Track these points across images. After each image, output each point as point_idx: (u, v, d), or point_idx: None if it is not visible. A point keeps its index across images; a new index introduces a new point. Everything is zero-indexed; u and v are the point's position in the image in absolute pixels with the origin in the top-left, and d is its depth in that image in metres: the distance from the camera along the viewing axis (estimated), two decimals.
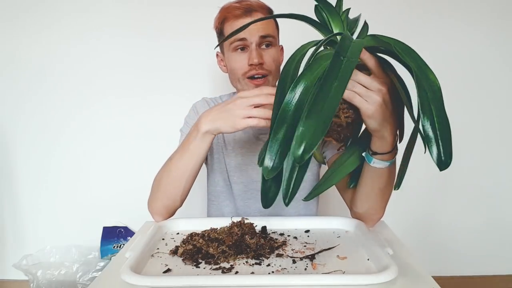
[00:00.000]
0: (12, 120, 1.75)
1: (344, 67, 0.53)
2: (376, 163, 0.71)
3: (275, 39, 0.98)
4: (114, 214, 1.80)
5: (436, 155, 0.51)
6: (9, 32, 1.69)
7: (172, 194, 0.86)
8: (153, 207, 0.88)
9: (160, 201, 0.87)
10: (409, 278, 0.60)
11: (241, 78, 0.97)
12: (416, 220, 1.81)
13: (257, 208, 1.05)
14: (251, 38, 0.93)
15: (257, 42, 0.93)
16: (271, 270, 0.64)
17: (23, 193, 1.81)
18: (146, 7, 1.68)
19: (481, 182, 1.79)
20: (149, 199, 0.90)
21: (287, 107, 0.57)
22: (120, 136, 1.76)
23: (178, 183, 0.85)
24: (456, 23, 1.67)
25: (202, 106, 1.07)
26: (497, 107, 1.73)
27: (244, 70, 0.95)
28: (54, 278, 1.70)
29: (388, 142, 0.68)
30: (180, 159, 0.84)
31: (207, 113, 0.80)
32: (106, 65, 1.72)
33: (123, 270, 0.60)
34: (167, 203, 0.87)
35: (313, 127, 0.51)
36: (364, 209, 0.83)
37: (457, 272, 1.83)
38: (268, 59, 0.95)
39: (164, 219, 0.89)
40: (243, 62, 0.95)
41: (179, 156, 0.85)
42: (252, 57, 0.93)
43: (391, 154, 0.71)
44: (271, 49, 0.96)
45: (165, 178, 0.86)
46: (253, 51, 0.93)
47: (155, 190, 0.88)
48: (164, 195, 0.86)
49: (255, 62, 0.92)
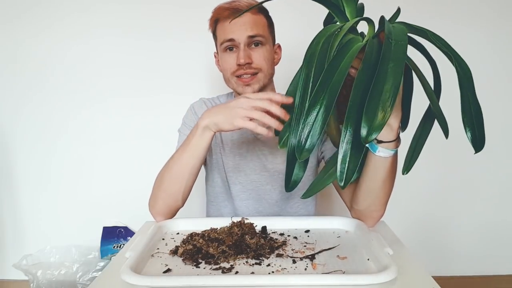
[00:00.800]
0: (12, 120, 1.75)
1: (394, 49, 0.56)
2: (381, 151, 0.72)
3: (265, 38, 0.97)
4: (114, 214, 1.80)
5: (471, 138, 0.56)
6: (10, 33, 1.69)
7: (174, 192, 0.86)
8: (155, 207, 0.88)
9: (161, 200, 0.87)
10: (409, 278, 0.60)
11: (230, 77, 0.99)
12: (416, 220, 1.81)
13: (255, 208, 1.05)
14: (239, 38, 0.94)
15: (245, 42, 0.95)
16: (271, 270, 0.64)
17: (23, 193, 1.81)
18: (146, 9, 1.68)
19: (481, 182, 1.78)
20: (150, 200, 0.90)
21: (320, 87, 0.58)
22: (120, 136, 1.76)
23: (180, 180, 0.85)
24: (454, 23, 1.68)
25: (200, 107, 1.07)
26: (498, 107, 1.73)
27: (233, 70, 0.97)
28: (54, 278, 1.70)
29: (393, 130, 0.70)
30: (181, 156, 0.85)
31: (209, 110, 0.82)
32: (105, 66, 1.71)
33: (123, 270, 0.60)
34: (169, 202, 0.87)
35: (375, 109, 0.54)
36: (365, 205, 0.83)
37: (457, 272, 1.83)
38: (257, 58, 0.96)
39: (166, 219, 0.89)
40: (232, 62, 0.96)
41: (180, 153, 0.85)
42: (239, 57, 0.95)
43: (396, 143, 0.72)
44: (260, 48, 0.97)
45: (167, 176, 0.86)
46: (241, 52, 0.95)
47: (156, 190, 0.88)
48: (166, 193, 0.86)
49: (241, 62, 0.94)
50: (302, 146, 0.60)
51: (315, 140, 0.60)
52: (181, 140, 1.01)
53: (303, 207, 1.07)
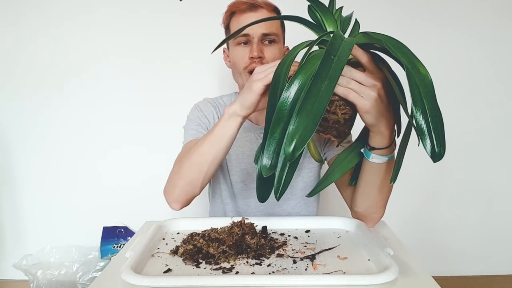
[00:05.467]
0: (12, 120, 1.75)
1: (334, 65, 0.54)
2: (374, 158, 0.72)
3: (278, 37, 1.00)
4: (114, 214, 1.80)
5: (429, 147, 0.52)
6: (10, 33, 1.69)
7: (193, 179, 0.84)
8: (172, 195, 0.87)
9: (179, 188, 0.85)
10: (409, 278, 0.60)
11: (242, 71, 0.99)
12: (416, 220, 1.81)
13: (257, 207, 1.05)
14: (254, 33, 0.96)
15: (260, 38, 0.96)
16: (272, 270, 0.64)
17: (24, 193, 1.81)
18: (148, 13, 1.68)
19: (481, 182, 1.78)
20: (166, 187, 0.89)
21: (282, 106, 0.58)
22: (120, 136, 1.76)
23: (200, 167, 0.83)
24: (451, 22, 1.68)
25: (205, 105, 1.08)
26: (495, 106, 1.73)
27: (245, 64, 0.98)
28: (54, 278, 1.70)
29: (385, 137, 0.69)
30: (202, 144, 0.82)
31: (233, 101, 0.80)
32: (105, 66, 1.71)
33: (123, 270, 0.60)
34: (187, 189, 0.85)
35: (303, 124, 0.52)
36: (364, 208, 0.84)
37: (457, 272, 1.83)
38: (269, 55, 0.97)
39: (182, 207, 0.88)
40: (244, 56, 0.97)
41: (202, 141, 0.83)
42: (252, 50, 0.96)
43: (389, 149, 0.72)
44: (273, 46, 0.98)
45: (187, 163, 0.84)
46: (254, 45, 0.96)
47: (175, 177, 0.87)
48: (185, 180, 0.85)
49: (254, 55, 0.95)
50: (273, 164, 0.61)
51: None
52: (188, 135, 1.01)
53: (305, 207, 1.07)
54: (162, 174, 1.75)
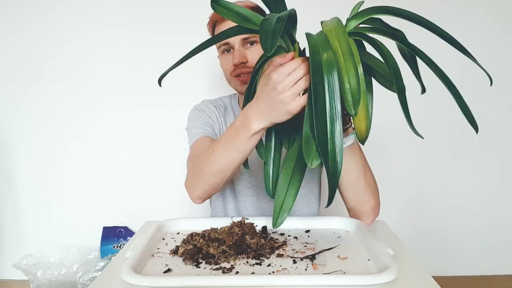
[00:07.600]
0: (12, 120, 1.75)
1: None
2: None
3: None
4: (114, 214, 1.80)
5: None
6: (13, 35, 1.69)
7: (216, 183, 0.85)
8: (195, 193, 0.88)
9: (201, 188, 0.87)
10: (409, 278, 0.60)
11: (230, 78, 1.02)
12: (416, 220, 1.81)
13: (259, 205, 1.06)
14: (233, 40, 0.97)
15: (240, 42, 0.97)
16: (272, 270, 0.64)
17: (23, 193, 1.81)
18: (148, 11, 1.68)
19: (481, 182, 1.78)
20: (189, 184, 0.89)
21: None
22: (119, 137, 1.76)
23: (224, 174, 0.82)
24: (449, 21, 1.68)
25: (206, 106, 1.09)
26: (495, 108, 1.73)
27: (230, 70, 1.00)
28: (54, 278, 1.70)
29: None
30: (227, 155, 0.79)
31: (253, 110, 0.71)
32: (106, 66, 1.72)
33: (123, 270, 0.60)
34: (208, 190, 0.87)
35: None
36: (354, 202, 0.87)
37: (457, 272, 1.83)
38: (252, 57, 0.98)
39: (203, 201, 0.90)
40: (229, 63, 1.00)
41: (224, 151, 0.79)
42: (234, 57, 0.98)
43: (347, 130, 0.77)
44: (255, 47, 0.99)
45: (209, 169, 0.83)
46: (236, 52, 0.98)
47: (196, 177, 0.87)
48: (207, 184, 0.86)
49: (236, 63, 0.97)
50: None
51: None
52: (193, 134, 1.02)
53: (306, 205, 1.08)
54: (162, 174, 1.77)
